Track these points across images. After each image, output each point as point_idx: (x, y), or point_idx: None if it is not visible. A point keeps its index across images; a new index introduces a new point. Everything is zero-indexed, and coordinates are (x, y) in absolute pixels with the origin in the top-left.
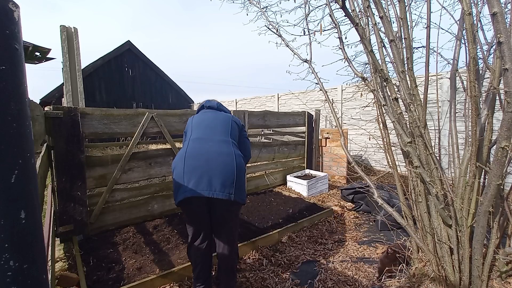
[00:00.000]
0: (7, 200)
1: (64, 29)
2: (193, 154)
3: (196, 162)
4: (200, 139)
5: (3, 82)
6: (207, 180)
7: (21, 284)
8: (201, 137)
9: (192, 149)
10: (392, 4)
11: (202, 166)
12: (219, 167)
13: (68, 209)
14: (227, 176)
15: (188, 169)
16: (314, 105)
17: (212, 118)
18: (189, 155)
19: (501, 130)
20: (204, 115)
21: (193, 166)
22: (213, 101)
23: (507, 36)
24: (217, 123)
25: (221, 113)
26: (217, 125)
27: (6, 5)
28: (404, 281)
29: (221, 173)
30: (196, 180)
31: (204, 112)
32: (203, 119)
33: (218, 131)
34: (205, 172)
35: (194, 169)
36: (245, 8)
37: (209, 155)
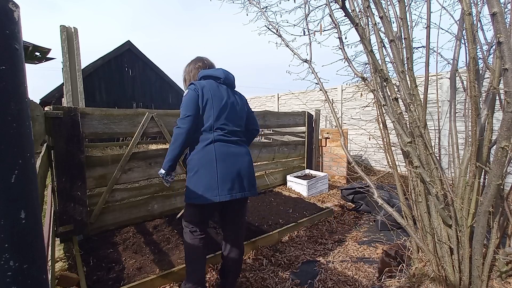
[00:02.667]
0: (7, 200)
1: (64, 29)
2: (223, 157)
3: (227, 165)
4: (226, 135)
5: (3, 82)
6: (238, 183)
7: (21, 284)
8: (226, 131)
9: (221, 151)
10: (392, 4)
11: (233, 171)
12: (245, 169)
13: (68, 209)
14: (251, 175)
15: (221, 173)
16: (314, 105)
17: (234, 104)
18: (220, 158)
19: (501, 130)
20: (223, 93)
21: (225, 170)
22: (230, 75)
23: (507, 36)
24: (237, 112)
25: (237, 96)
26: (237, 116)
27: (6, 5)
28: (404, 281)
29: (247, 174)
30: (230, 184)
31: (221, 87)
32: (225, 102)
33: (238, 123)
34: (236, 175)
35: (226, 174)
36: (245, 8)
37: (236, 157)
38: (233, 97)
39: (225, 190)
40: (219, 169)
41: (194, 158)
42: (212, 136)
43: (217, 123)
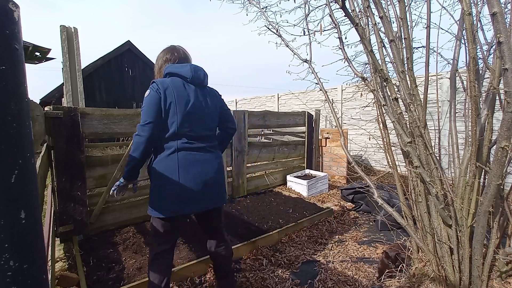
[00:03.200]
0: (7, 200)
1: (64, 29)
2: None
3: (191, 176)
4: (192, 142)
5: (3, 82)
6: (204, 194)
7: (21, 284)
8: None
9: (185, 161)
10: (392, 4)
11: (197, 182)
12: (212, 178)
13: (68, 209)
14: (219, 184)
15: (185, 184)
16: (314, 105)
17: (203, 107)
18: (183, 168)
19: (501, 130)
20: (190, 95)
21: (188, 181)
22: (199, 71)
23: (507, 36)
24: (206, 115)
25: (208, 96)
26: (206, 119)
27: (6, 5)
28: (404, 281)
29: (214, 183)
30: (194, 196)
31: (188, 87)
32: (192, 105)
33: (208, 127)
34: (202, 186)
35: (190, 185)
36: (244, 8)
37: (203, 166)
38: (201, 97)
39: (188, 203)
40: (182, 180)
41: (156, 168)
42: (176, 144)
43: (181, 129)
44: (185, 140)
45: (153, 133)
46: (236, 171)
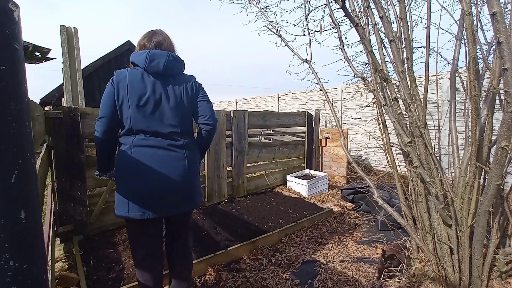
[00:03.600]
0: (7, 200)
1: (64, 29)
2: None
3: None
4: (149, 139)
5: (3, 82)
6: (162, 198)
7: (21, 284)
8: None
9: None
10: (392, 4)
11: (153, 184)
12: (176, 180)
13: (68, 209)
14: (185, 186)
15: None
16: (314, 105)
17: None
18: (136, 167)
19: (501, 130)
20: (147, 87)
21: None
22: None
23: (506, 36)
24: (169, 109)
25: (170, 86)
26: (169, 113)
27: (6, 5)
28: (404, 281)
29: (179, 186)
30: (147, 200)
31: (146, 78)
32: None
33: (171, 123)
34: (159, 189)
35: (142, 187)
36: (245, 8)
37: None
38: (161, 89)
39: (140, 207)
40: (136, 180)
41: (116, 164)
42: (131, 140)
43: (136, 125)
44: (142, 136)
45: (107, 128)
46: (236, 171)
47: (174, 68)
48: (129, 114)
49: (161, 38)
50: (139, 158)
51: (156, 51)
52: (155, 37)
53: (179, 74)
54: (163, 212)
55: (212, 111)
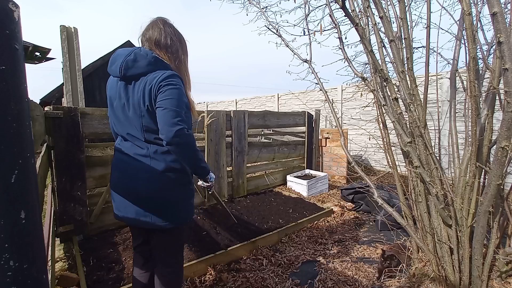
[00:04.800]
0: (7, 200)
1: (64, 29)
2: (115, 168)
3: (117, 179)
4: (122, 143)
5: (3, 82)
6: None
7: (21, 284)
8: (122, 138)
9: (115, 161)
10: (392, 4)
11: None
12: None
13: (68, 209)
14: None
15: (112, 187)
16: (314, 105)
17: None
18: (114, 169)
19: (501, 130)
20: (116, 92)
21: (115, 184)
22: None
23: (507, 36)
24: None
25: (129, 90)
26: (128, 119)
27: (6, 5)
28: (404, 281)
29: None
30: (116, 202)
31: (113, 82)
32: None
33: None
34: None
35: (115, 188)
36: (245, 8)
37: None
38: (124, 94)
39: (115, 209)
40: (111, 183)
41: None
42: (115, 143)
43: (113, 128)
44: (119, 140)
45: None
46: (236, 171)
47: (136, 68)
48: (109, 118)
49: (152, 32)
50: (116, 160)
51: (120, 51)
52: (148, 31)
53: (147, 74)
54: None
55: (163, 122)
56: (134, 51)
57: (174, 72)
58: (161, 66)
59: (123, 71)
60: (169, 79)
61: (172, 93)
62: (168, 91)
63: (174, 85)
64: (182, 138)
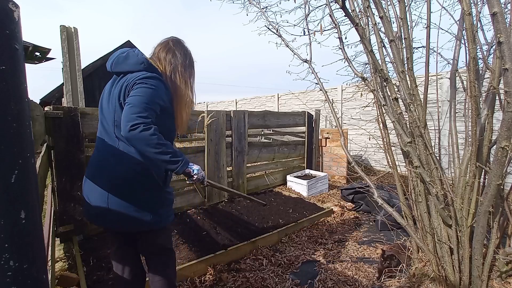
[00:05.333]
0: (7, 200)
1: (64, 29)
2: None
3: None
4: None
5: (3, 82)
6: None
7: (21, 284)
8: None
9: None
10: (392, 4)
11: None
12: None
13: (68, 209)
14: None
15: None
16: (314, 105)
17: (110, 98)
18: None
19: (501, 130)
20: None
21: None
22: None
23: (507, 36)
24: (110, 108)
25: (114, 85)
26: (111, 116)
27: (6, 5)
28: (404, 281)
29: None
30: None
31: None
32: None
33: (108, 124)
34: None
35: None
36: (245, 8)
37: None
38: (109, 90)
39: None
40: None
41: None
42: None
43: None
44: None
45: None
46: (236, 171)
47: (122, 65)
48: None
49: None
50: (94, 157)
51: (119, 50)
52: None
53: (131, 72)
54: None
55: (124, 116)
56: (128, 50)
57: (157, 75)
58: (149, 69)
59: (112, 66)
60: (147, 79)
61: (143, 91)
62: (140, 89)
63: (149, 85)
64: (135, 133)
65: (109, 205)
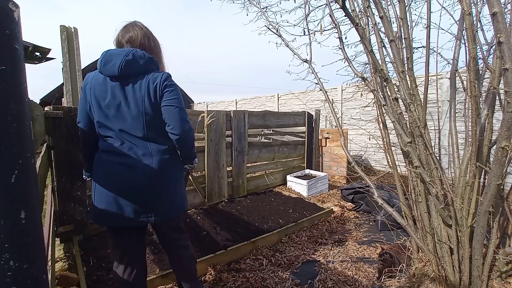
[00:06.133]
0: (7, 200)
1: (64, 29)
2: (108, 170)
3: (111, 182)
4: (115, 143)
5: (3, 82)
6: (127, 206)
7: (21, 284)
8: (114, 138)
9: (107, 163)
10: (392, 4)
11: (119, 190)
12: (139, 187)
13: (68, 209)
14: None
15: (104, 191)
16: (314, 105)
17: (121, 104)
18: (104, 171)
19: (501, 130)
20: (107, 91)
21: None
22: (114, 60)
23: (507, 36)
24: (127, 112)
25: (129, 88)
26: (127, 119)
27: (6, 5)
28: (404, 281)
29: (143, 194)
30: (114, 206)
31: (107, 81)
32: (107, 104)
33: (132, 128)
34: (124, 195)
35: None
36: (245, 8)
37: (124, 172)
38: (121, 93)
39: (109, 213)
40: (103, 185)
41: (93, 169)
42: (101, 145)
43: (102, 130)
44: (108, 141)
45: (86, 132)
46: (236, 171)
47: (134, 68)
48: (95, 118)
49: (134, 34)
50: (106, 164)
51: (114, 51)
52: (128, 32)
53: (145, 73)
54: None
55: (178, 118)
56: (131, 51)
57: (168, 72)
58: (155, 66)
59: (122, 71)
60: (170, 79)
61: (177, 93)
62: (174, 91)
63: (175, 85)
64: (190, 131)
65: (156, 198)
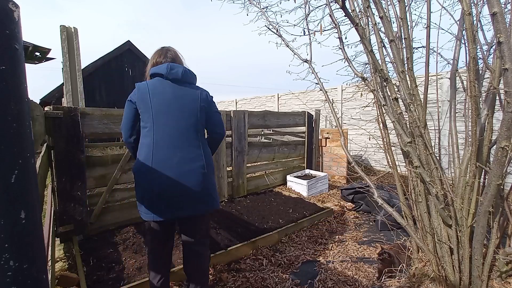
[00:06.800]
0: (7, 200)
1: (64, 29)
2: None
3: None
4: (167, 137)
5: (3, 82)
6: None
7: (21, 284)
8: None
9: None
10: (392, 4)
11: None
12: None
13: (68, 209)
14: (197, 188)
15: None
16: (314, 105)
17: (179, 99)
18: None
19: (501, 130)
20: (165, 89)
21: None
22: (177, 68)
23: (507, 36)
24: (184, 108)
25: (186, 89)
26: (184, 111)
27: (6, 5)
28: (404, 281)
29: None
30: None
31: (165, 82)
32: (167, 99)
33: (186, 122)
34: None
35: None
36: (245, 8)
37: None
38: (179, 91)
39: (159, 208)
40: (150, 180)
41: (135, 165)
42: (152, 138)
43: (157, 122)
44: (161, 134)
45: (127, 138)
46: (236, 171)
47: (189, 78)
48: (151, 113)
49: (174, 54)
50: (160, 157)
51: (174, 63)
52: (169, 53)
53: (194, 83)
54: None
55: (222, 122)
56: (184, 67)
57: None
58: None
59: (183, 77)
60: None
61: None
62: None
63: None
64: (224, 135)
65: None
